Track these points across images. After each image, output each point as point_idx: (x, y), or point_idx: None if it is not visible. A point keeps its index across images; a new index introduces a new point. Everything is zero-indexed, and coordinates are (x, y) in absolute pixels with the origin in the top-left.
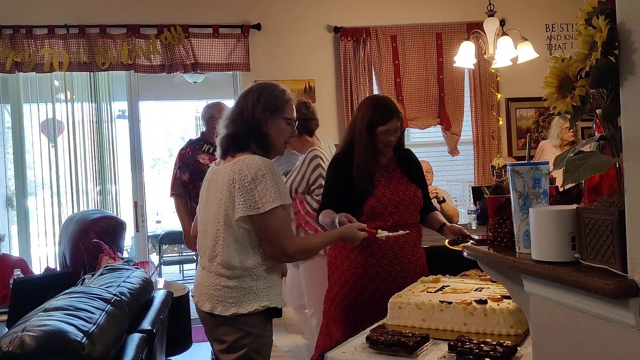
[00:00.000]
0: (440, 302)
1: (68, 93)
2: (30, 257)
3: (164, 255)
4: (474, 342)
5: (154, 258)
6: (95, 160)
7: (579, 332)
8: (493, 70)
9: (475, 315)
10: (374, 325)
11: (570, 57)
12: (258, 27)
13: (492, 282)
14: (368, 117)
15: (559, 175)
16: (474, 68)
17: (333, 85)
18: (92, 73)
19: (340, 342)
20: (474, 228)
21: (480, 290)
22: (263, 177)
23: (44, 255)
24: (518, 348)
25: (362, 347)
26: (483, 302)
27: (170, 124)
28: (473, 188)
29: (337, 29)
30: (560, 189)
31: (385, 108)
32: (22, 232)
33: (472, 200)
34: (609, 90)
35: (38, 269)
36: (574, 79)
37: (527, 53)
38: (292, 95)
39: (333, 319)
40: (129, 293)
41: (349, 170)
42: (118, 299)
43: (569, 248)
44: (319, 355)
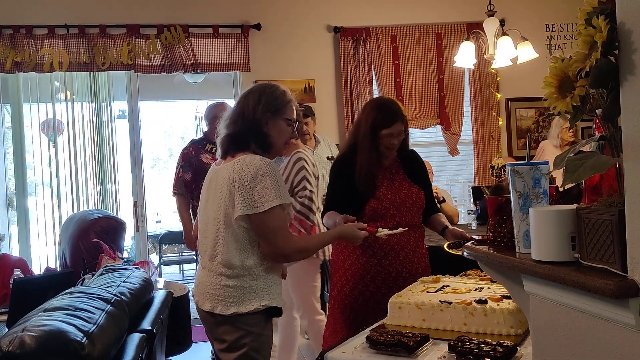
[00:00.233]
0: (440, 302)
1: (68, 93)
2: (30, 257)
3: (164, 255)
4: (474, 342)
5: (154, 258)
6: (95, 160)
7: (579, 332)
8: (493, 70)
9: (475, 315)
10: (374, 325)
11: (570, 57)
12: (258, 27)
13: (492, 282)
14: (372, 119)
15: (559, 175)
16: (474, 68)
17: (333, 85)
18: (92, 73)
19: (340, 342)
20: (474, 228)
21: (480, 290)
22: (263, 176)
23: (44, 255)
24: (518, 348)
25: (362, 347)
26: (483, 302)
27: (170, 124)
28: (473, 188)
29: (337, 29)
30: (560, 189)
31: (390, 111)
32: (22, 232)
33: (472, 200)
34: (609, 90)
35: (38, 269)
36: (574, 79)
37: (527, 53)
38: (292, 97)
39: (335, 318)
40: (129, 293)
41: (352, 172)
42: (118, 299)
43: (569, 248)
44: (319, 355)
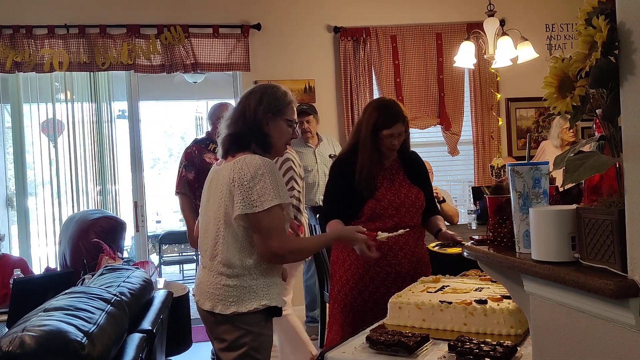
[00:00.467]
0: (440, 302)
1: (68, 93)
2: (30, 257)
3: (164, 255)
4: (474, 342)
5: (154, 258)
6: (95, 160)
7: (579, 332)
8: (493, 70)
9: (475, 315)
10: (374, 325)
11: (570, 57)
12: (258, 27)
13: (492, 282)
14: (373, 119)
15: (559, 175)
16: (474, 68)
17: (333, 86)
18: (92, 73)
19: (340, 342)
20: (474, 228)
21: (480, 290)
22: (262, 175)
23: (44, 255)
24: (518, 348)
25: (362, 347)
26: (483, 302)
27: (170, 124)
28: (473, 188)
29: (337, 29)
30: (560, 189)
31: (391, 112)
32: (22, 232)
33: (472, 200)
34: (609, 90)
35: (38, 269)
36: (574, 79)
37: (527, 53)
38: (293, 98)
39: (335, 318)
40: (129, 293)
41: (352, 172)
42: (118, 299)
43: (569, 248)
44: (319, 355)
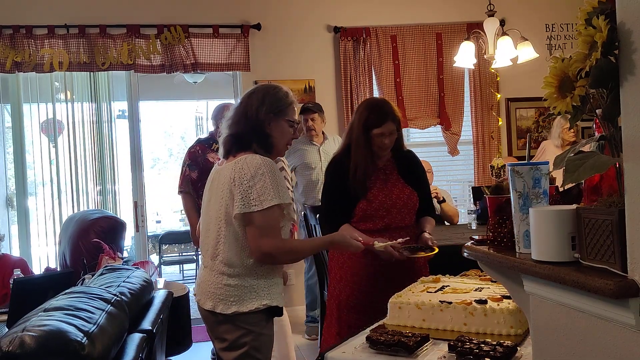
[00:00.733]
0: (440, 302)
1: (68, 93)
2: (30, 257)
3: (164, 255)
4: (474, 342)
5: (154, 258)
6: (95, 160)
7: (579, 332)
8: (493, 70)
9: (475, 315)
10: (374, 325)
11: (570, 57)
12: (258, 27)
13: (492, 282)
14: (364, 119)
15: (559, 175)
16: (474, 68)
17: (333, 86)
18: (92, 73)
19: (340, 342)
20: (474, 228)
21: (480, 290)
22: (262, 175)
23: (44, 255)
24: (518, 348)
25: (362, 347)
26: (483, 302)
27: (170, 124)
28: (473, 188)
29: (337, 29)
30: (560, 189)
31: (380, 111)
32: (22, 232)
33: (472, 200)
34: (609, 90)
35: (38, 269)
36: (574, 79)
37: (527, 53)
38: (294, 98)
39: (332, 315)
40: (129, 293)
41: (347, 172)
42: (118, 299)
43: (569, 248)
44: (319, 355)
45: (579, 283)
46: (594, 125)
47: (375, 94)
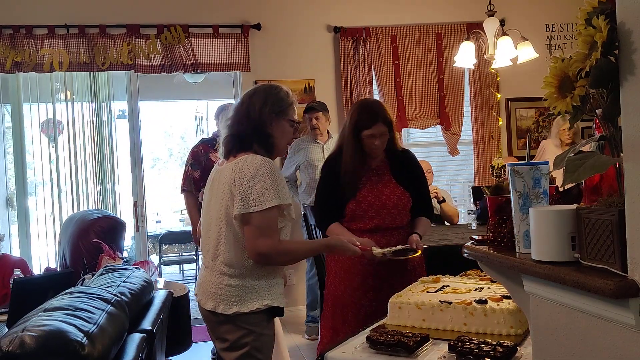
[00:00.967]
0: (440, 302)
1: (68, 93)
2: (30, 257)
3: (164, 255)
4: (474, 342)
5: (154, 258)
6: (95, 160)
7: (579, 332)
8: (493, 70)
9: (475, 315)
10: (374, 325)
11: (570, 57)
12: (258, 27)
13: (492, 282)
14: (354, 120)
15: (559, 175)
16: (474, 68)
17: (333, 86)
18: (92, 73)
19: (340, 342)
20: (474, 228)
21: (480, 290)
22: (263, 176)
23: (44, 255)
24: (518, 348)
25: (362, 347)
26: (483, 302)
27: (170, 124)
28: (473, 188)
29: (337, 29)
30: (560, 189)
31: (370, 112)
32: (22, 232)
33: (472, 200)
34: (609, 90)
35: (38, 269)
36: (574, 79)
37: (527, 53)
38: (294, 98)
39: (327, 311)
40: (129, 293)
41: (339, 172)
42: (118, 299)
43: (569, 248)
44: (319, 355)
45: (579, 283)
46: (594, 125)
47: (375, 94)
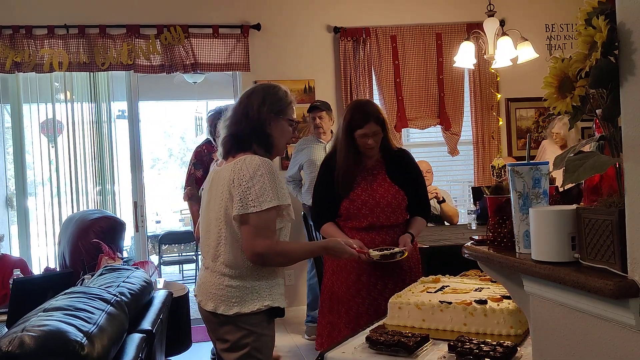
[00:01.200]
0: (440, 302)
1: (68, 93)
2: (30, 257)
3: (164, 256)
4: (474, 342)
5: (154, 258)
6: (95, 161)
7: (579, 332)
8: (493, 71)
9: (475, 316)
10: (374, 325)
11: (570, 57)
12: (258, 27)
13: (492, 282)
14: (347, 120)
15: (559, 175)
16: (474, 68)
17: (333, 86)
18: (91, 73)
19: (340, 342)
20: (474, 228)
21: (480, 291)
22: (261, 176)
23: (44, 255)
24: (518, 348)
25: (362, 347)
26: (483, 302)
27: (170, 124)
28: (473, 188)
29: (337, 29)
30: (560, 189)
31: (363, 111)
32: (22, 232)
33: (472, 200)
34: (609, 90)
35: (38, 269)
36: (574, 79)
37: (527, 53)
38: (293, 97)
39: (324, 306)
40: (129, 293)
41: (334, 172)
42: (118, 299)
43: (569, 248)
44: (319, 355)
45: (579, 283)
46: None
47: (375, 95)
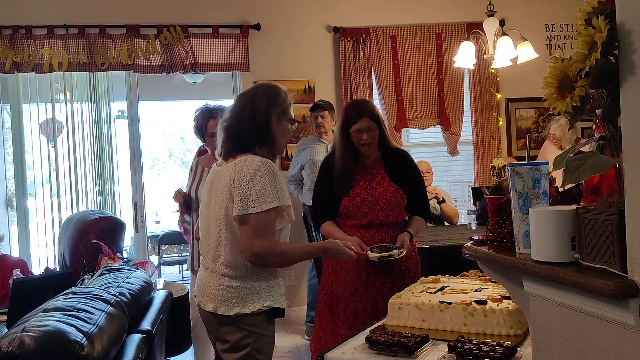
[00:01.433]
0: (440, 302)
1: (67, 93)
2: (30, 257)
3: (164, 256)
4: (474, 342)
5: (154, 258)
6: (95, 161)
7: (579, 332)
8: (493, 71)
9: (475, 316)
10: (374, 326)
11: (570, 57)
12: (257, 27)
13: (492, 282)
14: (342, 118)
15: (559, 176)
16: (474, 68)
17: (333, 86)
18: (91, 73)
19: (340, 342)
20: (474, 228)
21: (480, 291)
22: (262, 177)
23: (44, 256)
24: (518, 348)
25: (361, 347)
26: (483, 302)
27: (170, 124)
28: (473, 188)
29: (337, 29)
30: (560, 189)
31: (356, 107)
32: (21, 232)
33: (472, 201)
34: (609, 90)
35: (38, 269)
36: (574, 79)
37: (527, 53)
38: (291, 96)
39: (321, 303)
40: (129, 293)
41: (333, 171)
42: (118, 300)
43: (569, 248)
44: (319, 356)
45: (579, 283)
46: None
47: (375, 95)
